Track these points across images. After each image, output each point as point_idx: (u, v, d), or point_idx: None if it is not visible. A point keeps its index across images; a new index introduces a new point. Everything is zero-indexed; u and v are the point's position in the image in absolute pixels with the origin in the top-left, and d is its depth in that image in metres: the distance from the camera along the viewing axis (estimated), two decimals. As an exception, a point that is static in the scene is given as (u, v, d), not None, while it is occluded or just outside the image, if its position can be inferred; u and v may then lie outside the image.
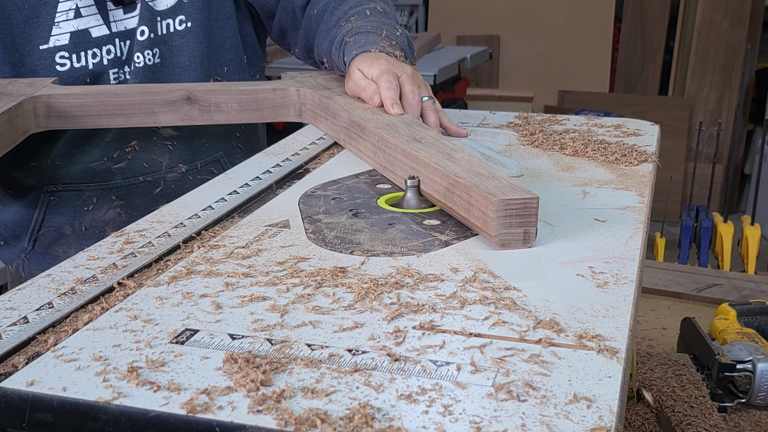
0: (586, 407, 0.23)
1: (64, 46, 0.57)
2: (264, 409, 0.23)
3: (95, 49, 0.58)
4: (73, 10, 0.57)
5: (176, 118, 0.55)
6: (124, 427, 0.24)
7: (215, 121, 0.55)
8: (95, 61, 0.58)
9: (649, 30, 2.06)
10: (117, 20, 0.59)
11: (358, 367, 0.26)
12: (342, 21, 0.58)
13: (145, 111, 0.54)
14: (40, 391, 0.24)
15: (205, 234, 0.38)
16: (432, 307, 0.30)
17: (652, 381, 0.52)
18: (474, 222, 0.36)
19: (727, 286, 0.77)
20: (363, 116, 0.49)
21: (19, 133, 0.51)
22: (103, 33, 0.58)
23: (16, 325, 0.29)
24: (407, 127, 0.47)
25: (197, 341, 0.27)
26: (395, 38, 0.56)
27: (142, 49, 0.59)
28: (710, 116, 1.99)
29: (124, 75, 0.60)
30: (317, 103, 0.56)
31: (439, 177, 0.39)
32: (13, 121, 0.50)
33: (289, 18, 0.64)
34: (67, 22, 0.57)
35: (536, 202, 0.34)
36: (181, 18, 0.60)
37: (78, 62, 0.58)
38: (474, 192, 0.36)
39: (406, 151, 0.42)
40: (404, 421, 0.23)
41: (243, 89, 0.55)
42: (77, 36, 0.58)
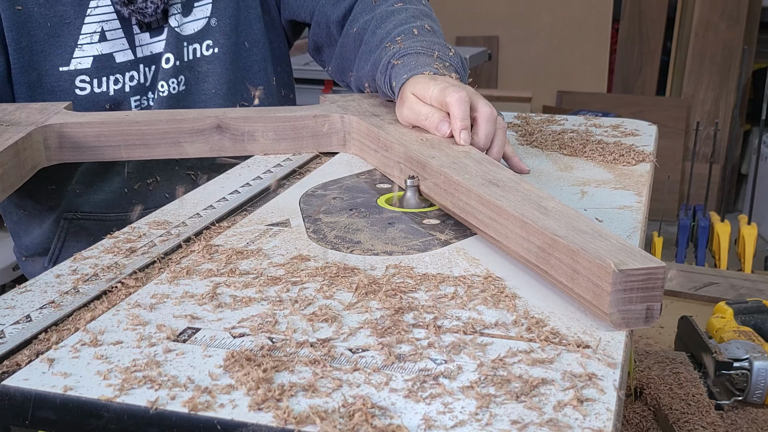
0: (585, 406, 0.23)
1: (86, 70, 0.54)
2: (265, 407, 0.23)
3: (118, 75, 0.55)
4: (98, 33, 0.54)
5: (205, 149, 0.48)
6: (126, 424, 0.24)
7: (248, 151, 0.49)
8: (117, 88, 0.55)
9: (647, 31, 2.07)
10: (143, 44, 0.56)
11: (358, 365, 0.26)
12: (386, 41, 0.52)
13: (170, 141, 0.48)
14: (42, 389, 0.25)
15: (207, 233, 0.38)
16: (432, 306, 0.30)
17: (650, 379, 0.53)
18: (579, 292, 0.29)
19: (724, 284, 0.77)
20: (423, 151, 0.41)
21: (28, 168, 0.45)
22: (127, 58, 0.55)
23: (19, 324, 0.29)
24: (477, 165, 0.39)
25: (198, 340, 0.28)
26: (448, 59, 0.49)
27: (167, 77, 0.56)
28: (707, 116, 2.00)
29: (147, 102, 0.57)
30: (365, 132, 0.48)
31: (529, 233, 0.32)
32: (21, 155, 0.43)
33: (323, 33, 0.60)
34: (90, 45, 0.54)
35: (663, 273, 0.27)
36: (208, 43, 0.57)
37: (99, 87, 0.55)
38: (581, 257, 0.28)
39: (483, 198, 0.35)
40: (404, 419, 0.23)
41: (280, 116, 0.48)
42: (100, 60, 0.55)
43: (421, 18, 0.54)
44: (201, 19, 0.58)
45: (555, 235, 0.30)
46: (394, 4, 0.56)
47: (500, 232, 0.34)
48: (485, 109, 0.43)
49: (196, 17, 0.57)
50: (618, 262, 0.27)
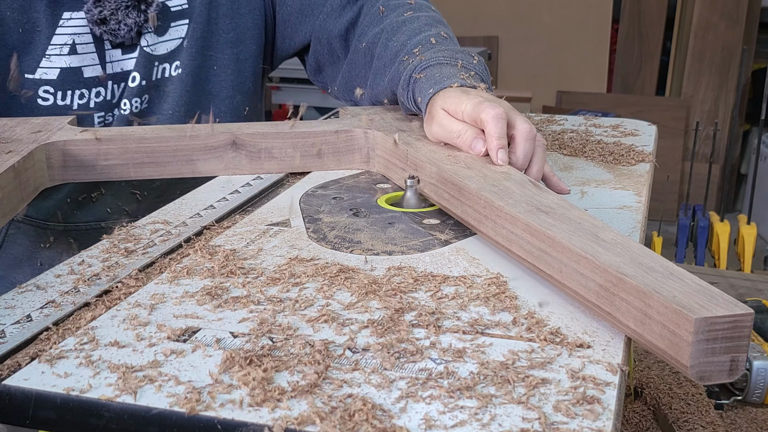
0: (585, 406, 0.23)
1: (51, 81, 0.52)
2: (265, 407, 0.23)
3: (84, 90, 0.53)
4: (68, 46, 0.52)
5: (219, 167, 0.45)
6: (127, 424, 0.24)
7: (265, 170, 0.45)
8: (81, 102, 0.53)
9: (647, 31, 2.07)
10: (113, 61, 0.54)
11: (358, 365, 0.26)
12: (403, 54, 0.48)
13: (182, 159, 0.44)
14: (43, 388, 0.25)
15: (207, 233, 0.38)
16: (432, 305, 0.30)
17: (650, 378, 0.53)
18: (651, 340, 0.25)
19: (724, 284, 0.77)
20: (458, 172, 0.37)
21: (30, 190, 0.41)
22: (96, 74, 0.53)
23: (19, 324, 0.29)
24: (520, 188, 0.35)
25: (199, 339, 0.28)
26: (473, 67, 0.45)
27: (131, 96, 0.54)
28: (707, 116, 2.00)
29: (112, 119, 0.54)
30: (391, 150, 0.44)
31: (589, 269, 0.28)
32: (22, 176, 0.40)
33: (325, 50, 0.56)
34: (59, 57, 0.52)
35: (750, 320, 0.24)
36: (176, 63, 0.55)
37: (63, 100, 0.52)
38: (654, 300, 0.25)
39: (531, 228, 0.31)
40: (404, 420, 0.23)
41: (299, 131, 0.45)
42: (68, 73, 0.52)
43: (435, 25, 0.50)
44: (175, 39, 0.55)
45: (621, 274, 0.26)
46: (404, 13, 0.52)
47: (552, 266, 0.30)
48: (524, 126, 0.39)
49: (171, 37, 0.55)
50: (698, 307, 0.24)
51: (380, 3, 0.54)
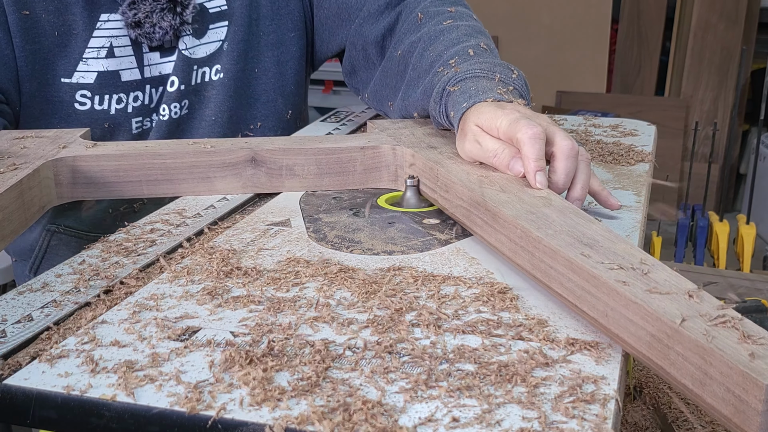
0: (585, 405, 0.23)
1: (88, 85, 0.51)
2: (265, 407, 0.23)
3: (122, 94, 0.51)
4: (105, 49, 0.51)
5: (237, 186, 0.42)
6: (127, 423, 0.24)
7: (287, 188, 0.42)
8: (119, 107, 0.51)
9: (646, 31, 2.07)
10: (151, 64, 0.52)
11: (358, 365, 0.26)
12: (438, 65, 0.45)
13: (198, 176, 0.41)
14: (44, 388, 0.25)
15: (208, 233, 0.38)
16: (432, 305, 0.30)
17: (649, 378, 0.53)
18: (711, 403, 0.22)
19: (723, 284, 0.77)
20: (493, 197, 0.34)
21: (35, 210, 0.38)
22: (134, 77, 0.52)
23: (20, 323, 0.29)
24: (561, 216, 0.32)
25: (199, 339, 0.28)
26: (512, 82, 0.41)
27: (170, 101, 0.53)
28: (706, 116, 2.00)
29: (150, 124, 0.53)
30: (420, 167, 0.41)
31: (639, 316, 0.24)
32: (26, 195, 0.37)
33: (360, 55, 0.55)
34: (96, 60, 0.51)
35: None
36: (217, 67, 0.53)
37: (100, 105, 0.51)
38: (715, 358, 0.22)
39: (573, 265, 0.27)
40: (404, 419, 0.23)
41: (323, 148, 0.42)
42: (105, 77, 0.51)
43: (474, 36, 0.47)
44: (214, 42, 0.54)
45: (677, 324, 0.23)
46: (443, 22, 0.49)
47: (596, 308, 0.26)
48: (564, 142, 0.36)
49: (210, 40, 0.54)
50: None
51: (419, 9, 0.51)
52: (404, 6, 0.53)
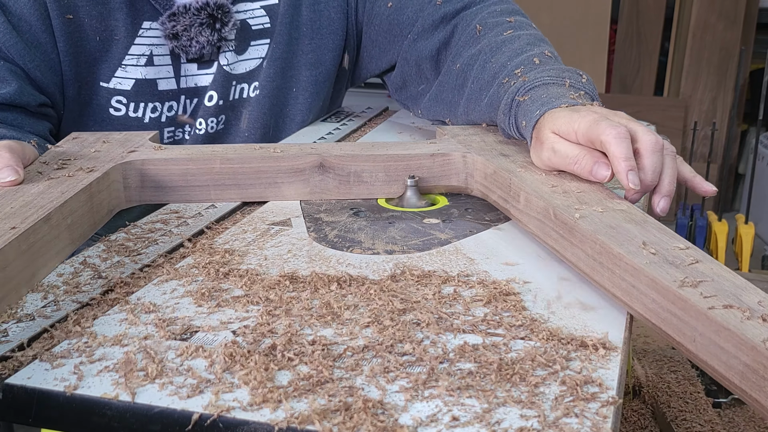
0: (585, 404, 0.23)
1: (125, 92, 0.51)
2: (266, 406, 0.24)
3: (157, 103, 0.52)
4: (145, 57, 0.51)
5: (305, 191, 0.41)
6: (129, 422, 0.24)
7: (354, 194, 0.42)
8: (153, 116, 0.52)
9: (645, 32, 2.08)
10: (188, 75, 0.52)
11: (359, 365, 0.26)
12: (503, 76, 0.43)
13: (266, 182, 0.41)
14: (45, 387, 0.25)
15: (208, 232, 0.38)
16: (432, 304, 0.30)
17: (648, 377, 0.53)
18: None
19: (722, 284, 0.77)
20: (569, 208, 0.32)
21: (104, 213, 0.38)
22: (170, 87, 0.52)
23: (22, 323, 0.29)
24: (641, 229, 0.30)
25: (200, 338, 0.28)
26: (582, 87, 0.40)
27: (208, 115, 0.52)
28: (705, 116, 2.01)
29: (182, 135, 0.53)
30: (491, 175, 0.40)
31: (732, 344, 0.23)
32: (95, 198, 0.37)
33: (413, 71, 0.53)
34: (135, 68, 0.51)
35: None
36: (255, 84, 0.53)
37: (135, 112, 0.51)
38: None
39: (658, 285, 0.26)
40: (405, 419, 0.23)
41: (392, 154, 0.41)
42: (142, 84, 0.51)
43: (537, 44, 0.46)
44: (255, 59, 0.54)
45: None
46: (503, 32, 0.47)
47: (683, 333, 0.25)
48: (648, 137, 0.34)
49: (251, 56, 0.54)
50: None
51: (477, 21, 0.49)
52: (460, 19, 0.51)
